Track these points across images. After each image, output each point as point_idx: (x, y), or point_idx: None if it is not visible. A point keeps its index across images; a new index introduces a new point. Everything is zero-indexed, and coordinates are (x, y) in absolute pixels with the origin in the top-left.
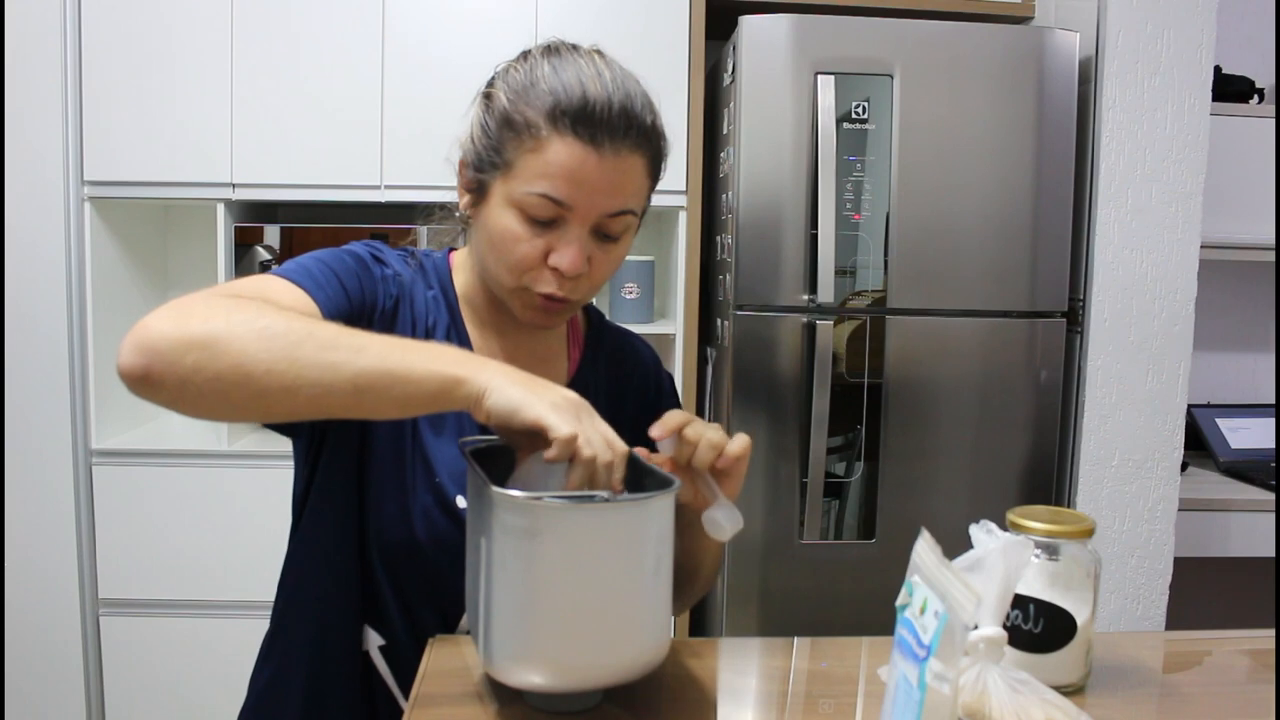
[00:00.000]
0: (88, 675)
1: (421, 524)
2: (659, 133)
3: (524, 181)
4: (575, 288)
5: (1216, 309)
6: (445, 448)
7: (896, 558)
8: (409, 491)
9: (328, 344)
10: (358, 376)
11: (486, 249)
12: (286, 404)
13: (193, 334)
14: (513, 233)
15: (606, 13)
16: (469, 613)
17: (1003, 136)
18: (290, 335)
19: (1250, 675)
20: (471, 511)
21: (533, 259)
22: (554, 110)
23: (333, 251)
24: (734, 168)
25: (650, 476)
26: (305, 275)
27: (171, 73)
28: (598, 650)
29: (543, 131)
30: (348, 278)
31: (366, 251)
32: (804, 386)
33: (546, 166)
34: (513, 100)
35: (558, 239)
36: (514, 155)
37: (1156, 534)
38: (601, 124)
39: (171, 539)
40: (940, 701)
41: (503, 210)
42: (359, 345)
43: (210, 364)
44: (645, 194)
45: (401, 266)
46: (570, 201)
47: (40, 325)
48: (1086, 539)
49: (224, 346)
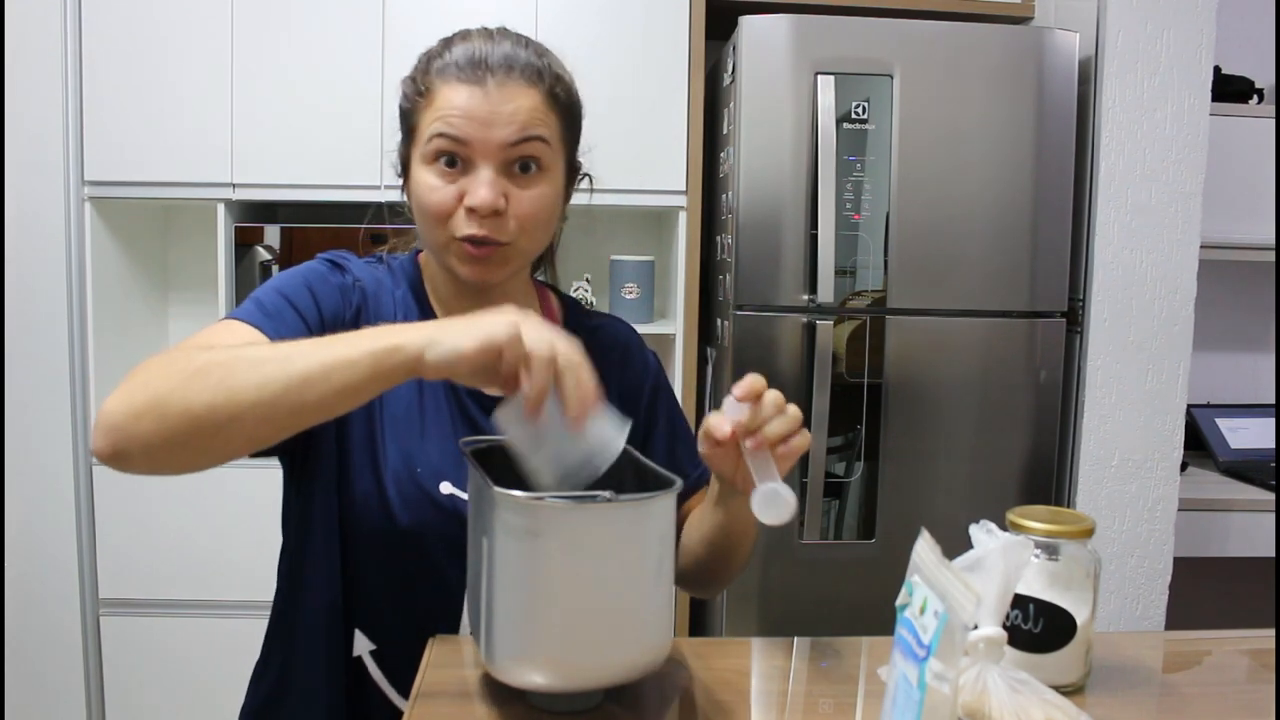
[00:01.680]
0: (88, 675)
1: (406, 515)
2: (552, 71)
3: (424, 134)
4: (499, 226)
5: (1216, 309)
6: (424, 445)
7: (896, 558)
8: (390, 487)
9: (257, 362)
10: (293, 380)
11: (418, 218)
12: (242, 431)
13: (138, 402)
14: (427, 184)
15: (606, 13)
16: (470, 612)
17: (1003, 136)
18: (220, 368)
19: (1250, 675)
20: (473, 511)
21: (448, 203)
22: (442, 67)
23: (291, 274)
24: (734, 168)
25: (651, 476)
26: (256, 310)
27: (171, 73)
28: (599, 650)
29: (435, 86)
30: (300, 299)
31: (325, 265)
32: (804, 386)
33: (438, 110)
34: (412, 76)
35: (469, 181)
36: (417, 119)
37: (1156, 534)
38: (482, 63)
39: (171, 539)
40: (940, 701)
41: (419, 171)
42: (286, 354)
43: (161, 422)
44: (554, 127)
45: (365, 272)
46: (465, 135)
47: (40, 325)
48: (1086, 539)
49: (167, 402)
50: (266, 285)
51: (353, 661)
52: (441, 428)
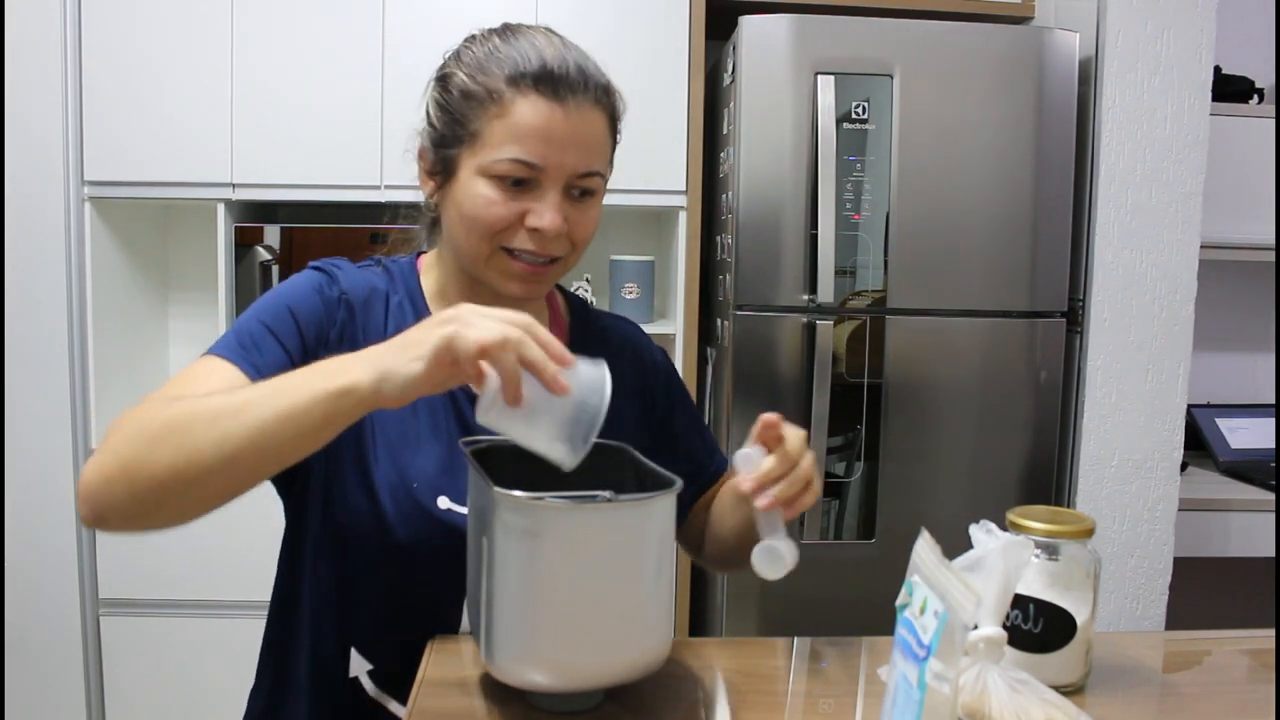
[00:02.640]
0: (88, 675)
1: (403, 531)
2: (614, 90)
3: (493, 148)
4: (557, 245)
5: (1216, 309)
6: (419, 459)
7: (896, 558)
8: (387, 504)
9: (213, 418)
10: (250, 434)
11: (458, 223)
12: (209, 489)
13: (108, 469)
14: (486, 198)
15: (606, 13)
16: (470, 612)
17: (1003, 136)
18: (179, 429)
19: (1250, 675)
20: (473, 511)
21: (508, 220)
22: (515, 75)
23: (276, 295)
24: (734, 168)
25: (650, 477)
26: (236, 344)
27: (171, 73)
28: (599, 650)
29: (506, 95)
30: (282, 325)
31: (316, 276)
32: (804, 386)
33: (515, 129)
34: (471, 73)
35: (532, 200)
36: (480, 124)
37: (1156, 534)
38: (562, 81)
39: (171, 539)
40: (940, 701)
41: (474, 180)
42: (237, 406)
43: (130, 488)
44: (609, 155)
45: (357, 280)
46: (542, 161)
47: (40, 325)
48: (1086, 539)
49: (133, 468)
50: (250, 311)
51: (349, 681)
52: (438, 438)
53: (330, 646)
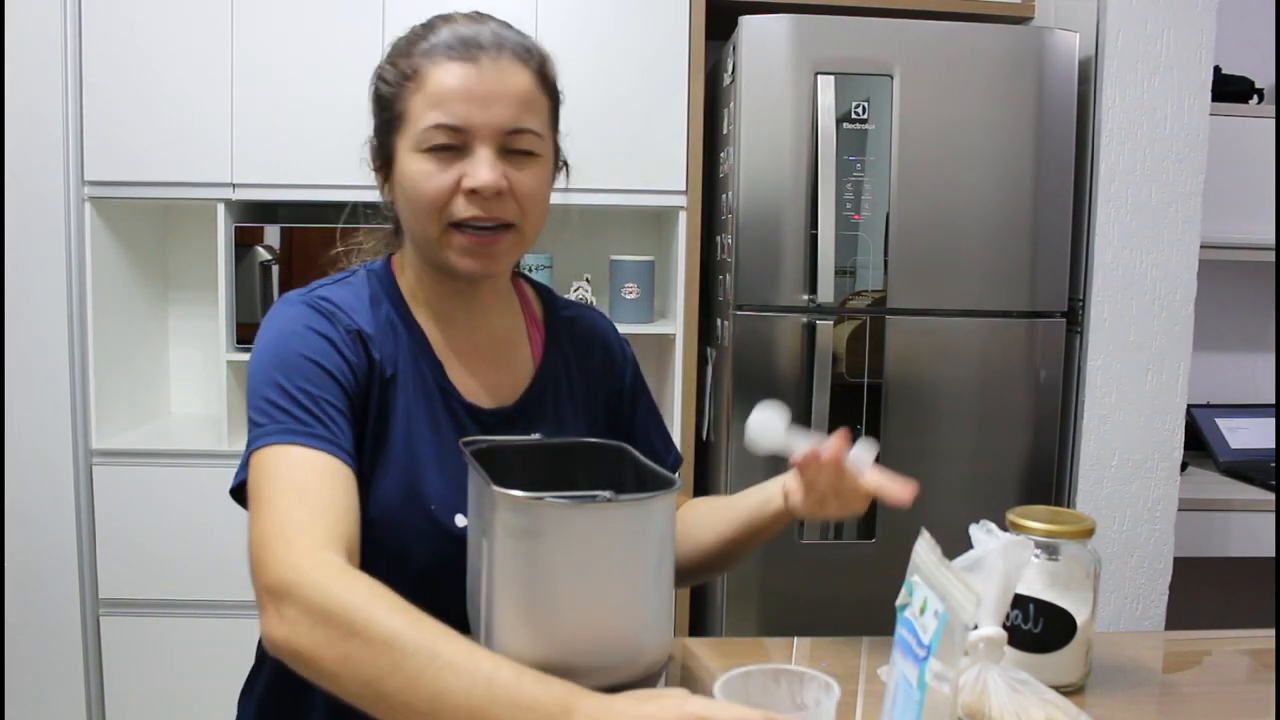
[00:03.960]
0: (88, 675)
1: (421, 550)
2: (539, 52)
3: (418, 121)
4: (502, 207)
5: (1216, 309)
6: (440, 477)
7: (896, 558)
8: (413, 526)
9: (410, 678)
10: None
11: (406, 208)
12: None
13: (311, 648)
14: (422, 171)
15: (606, 13)
16: (470, 612)
17: (1003, 136)
18: (373, 666)
19: (1250, 675)
20: (473, 512)
21: (447, 188)
22: (428, 49)
23: (296, 358)
24: (734, 168)
25: (651, 476)
26: (301, 425)
27: (171, 73)
28: (599, 650)
29: (421, 68)
30: (328, 390)
31: (313, 319)
32: (804, 386)
33: (432, 96)
34: (392, 60)
35: (467, 165)
36: (404, 104)
37: (1156, 534)
38: (473, 42)
39: (171, 539)
40: (940, 701)
41: (409, 159)
42: (438, 691)
43: (319, 678)
44: (545, 117)
45: (348, 303)
46: (463, 122)
47: (40, 325)
48: (1086, 539)
49: (323, 671)
50: (278, 376)
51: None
52: (448, 453)
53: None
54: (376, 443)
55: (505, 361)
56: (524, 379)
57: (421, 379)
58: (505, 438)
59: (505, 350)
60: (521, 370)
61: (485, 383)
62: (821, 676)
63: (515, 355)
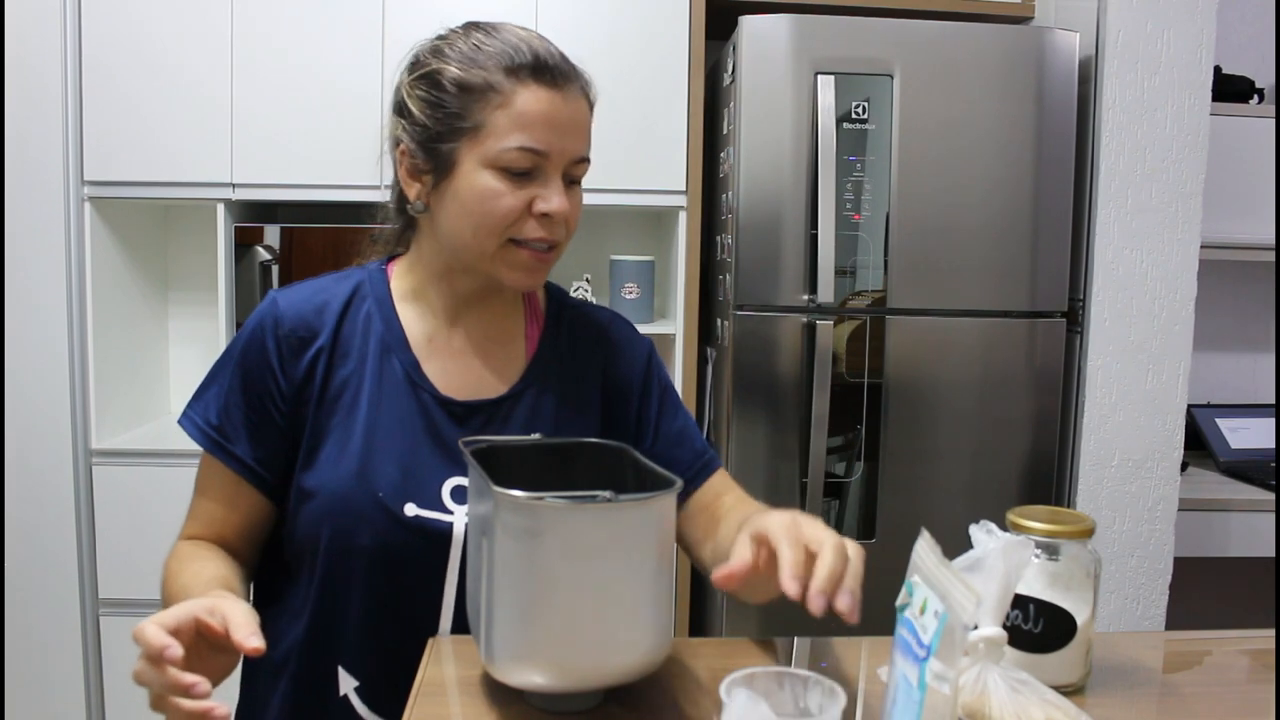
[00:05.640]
0: (88, 675)
1: (371, 539)
2: (591, 81)
3: (499, 138)
4: (559, 229)
5: (1216, 309)
6: (393, 467)
7: (896, 558)
8: (359, 511)
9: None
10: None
11: (462, 218)
12: None
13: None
14: (494, 189)
15: (606, 13)
16: (470, 612)
17: (1003, 136)
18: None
19: (1250, 675)
20: (473, 512)
21: (518, 210)
22: (511, 66)
23: (233, 360)
24: (734, 168)
25: (651, 476)
26: (216, 432)
27: (171, 73)
28: (599, 650)
29: (506, 86)
30: (241, 400)
31: (259, 332)
32: (804, 386)
33: (520, 118)
34: (465, 66)
35: (538, 187)
36: (482, 116)
37: (1156, 534)
38: (555, 71)
39: (171, 539)
40: (940, 701)
41: (479, 172)
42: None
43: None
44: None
45: (314, 299)
46: (547, 148)
47: (40, 325)
48: (1086, 539)
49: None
50: (217, 380)
51: (340, 700)
52: (406, 443)
53: (316, 666)
54: (318, 433)
55: (495, 357)
56: (514, 374)
57: (391, 373)
58: (505, 438)
59: (498, 346)
60: (513, 365)
61: (469, 377)
62: (826, 682)
63: (508, 351)
